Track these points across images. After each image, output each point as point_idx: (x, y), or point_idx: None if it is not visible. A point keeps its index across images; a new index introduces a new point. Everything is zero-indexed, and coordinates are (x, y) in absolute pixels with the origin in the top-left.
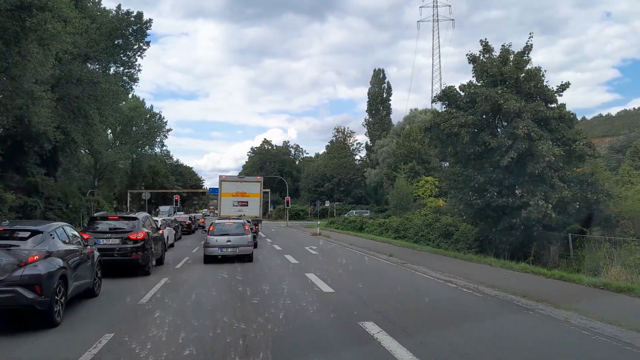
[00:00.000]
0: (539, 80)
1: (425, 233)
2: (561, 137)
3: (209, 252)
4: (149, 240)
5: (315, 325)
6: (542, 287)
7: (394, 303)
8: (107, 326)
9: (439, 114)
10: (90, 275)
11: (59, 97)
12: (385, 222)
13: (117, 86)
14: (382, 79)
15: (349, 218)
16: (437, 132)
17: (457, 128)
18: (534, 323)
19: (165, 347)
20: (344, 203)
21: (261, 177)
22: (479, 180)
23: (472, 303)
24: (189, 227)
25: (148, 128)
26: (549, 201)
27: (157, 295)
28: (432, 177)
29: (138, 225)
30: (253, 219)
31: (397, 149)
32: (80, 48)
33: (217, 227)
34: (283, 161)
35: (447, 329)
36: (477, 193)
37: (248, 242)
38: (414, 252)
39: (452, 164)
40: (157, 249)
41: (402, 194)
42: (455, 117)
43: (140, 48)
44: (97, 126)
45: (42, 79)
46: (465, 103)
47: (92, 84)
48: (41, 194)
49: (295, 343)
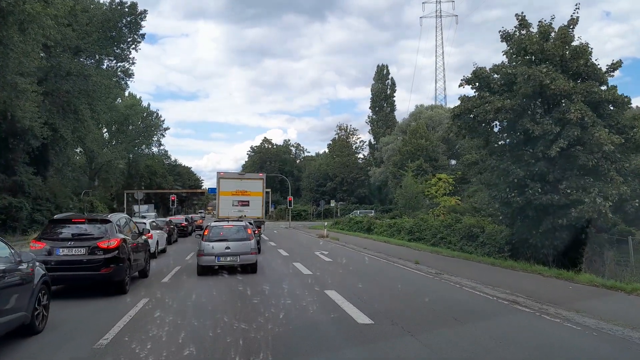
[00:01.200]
0: (587, 57)
1: (445, 235)
2: (615, 123)
3: (203, 262)
4: (126, 249)
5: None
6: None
7: (468, 343)
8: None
9: (469, 98)
10: (25, 306)
11: (46, 91)
12: (396, 223)
13: (110, 80)
14: (385, 75)
15: (355, 218)
16: (467, 119)
17: (492, 114)
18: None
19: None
20: (347, 203)
21: (263, 174)
22: (518, 174)
23: (585, 346)
24: (186, 229)
25: (145, 126)
26: (608, 198)
27: (126, 332)
28: (445, 175)
29: (111, 230)
30: (255, 220)
31: (403, 147)
32: (70, 40)
33: (214, 230)
34: (284, 160)
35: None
36: (517, 189)
37: (251, 249)
38: (441, 257)
39: (484, 157)
40: (138, 259)
41: (411, 193)
42: (490, 102)
43: (134, 40)
44: (89, 122)
45: (28, 70)
46: (500, 86)
47: (83, 77)
48: (28, 194)
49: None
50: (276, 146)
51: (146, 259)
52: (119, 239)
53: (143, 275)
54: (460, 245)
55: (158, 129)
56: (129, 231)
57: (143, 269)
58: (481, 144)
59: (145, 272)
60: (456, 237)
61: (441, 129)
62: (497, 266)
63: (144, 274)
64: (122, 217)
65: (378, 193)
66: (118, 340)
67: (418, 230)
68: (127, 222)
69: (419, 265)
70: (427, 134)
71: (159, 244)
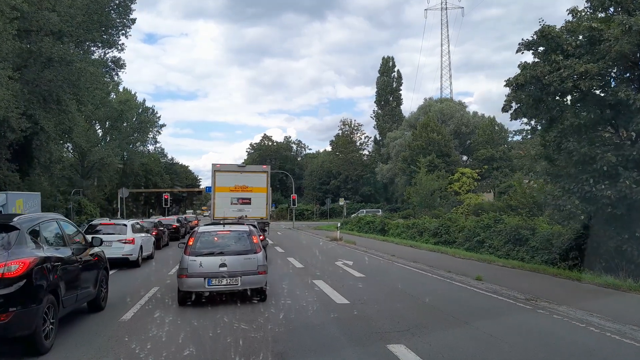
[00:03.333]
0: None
1: (484, 238)
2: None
3: (187, 287)
4: (43, 275)
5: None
6: None
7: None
8: None
9: (536, 64)
10: None
11: (26, 80)
12: (416, 224)
13: (96, 68)
14: (391, 68)
15: (365, 218)
16: (533, 91)
17: (570, 82)
18: None
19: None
20: (352, 201)
21: (268, 166)
22: (609, 160)
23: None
24: (177, 231)
25: (139, 123)
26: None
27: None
28: (469, 169)
29: (18, 243)
30: (259, 221)
31: (413, 141)
32: (53, 23)
33: (203, 239)
34: (284, 158)
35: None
36: (608, 180)
37: (258, 265)
38: (506, 271)
39: (554, 139)
40: (81, 286)
41: (427, 190)
42: (567, 67)
43: (124, 25)
44: (74, 114)
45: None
46: (575, 48)
47: (66, 63)
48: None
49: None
50: (276, 143)
51: (100, 281)
52: (29, 260)
53: (94, 308)
54: (505, 251)
55: (154, 125)
56: (59, 243)
57: (95, 299)
58: (545, 125)
59: (99, 302)
60: (499, 241)
61: (453, 123)
62: (591, 284)
63: (96, 306)
64: (47, 220)
65: (384, 191)
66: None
67: (446, 232)
68: (61, 228)
69: (488, 285)
70: (439, 128)
71: (144, 250)
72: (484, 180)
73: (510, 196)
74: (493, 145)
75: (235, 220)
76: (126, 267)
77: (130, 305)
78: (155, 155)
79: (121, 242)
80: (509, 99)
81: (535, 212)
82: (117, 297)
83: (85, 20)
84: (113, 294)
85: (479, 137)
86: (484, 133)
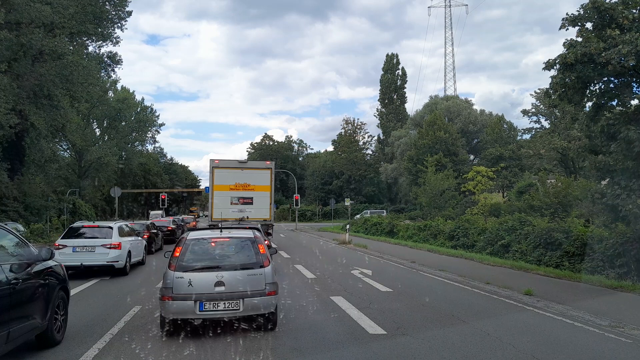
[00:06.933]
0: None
1: (509, 241)
2: None
3: (172, 312)
4: None
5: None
6: None
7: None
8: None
9: (588, 40)
10: None
11: (15, 73)
12: (428, 225)
13: (90, 62)
14: (395, 65)
15: (372, 219)
16: (584, 71)
17: (633, 59)
18: None
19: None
20: (356, 202)
21: (272, 162)
22: None
23: None
24: (173, 233)
25: (138, 122)
26: None
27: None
28: (483, 167)
29: None
30: (262, 223)
31: (419, 140)
32: (45, 15)
33: (194, 248)
34: (285, 157)
35: None
36: None
37: (266, 284)
38: (551, 281)
39: (607, 128)
40: (16, 318)
41: (437, 190)
42: (626, 42)
43: (120, 17)
44: (67, 110)
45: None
46: (631, 21)
47: (57, 57)
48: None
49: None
50: (277, 143)
51: (53, 307)
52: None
53: (46, 344)
54: (536, 256)
55: (152, 125)
56: (5, 255)
57: (45, 332)
58: (591, 113)
59: (51, 335)
60: (527, 245)
61: (459, 121)
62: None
63: (46, 341)
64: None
65: (387, 191)
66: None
67: (464, 235)
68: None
69: (547, 303)
70: (446, 126)
71: (133, 256)
72: (494, 180)
73: (531, 196)
74: (502, 144)
75: (236, 222)
76: (111, 276)
77: (97, 336)
78: (154, 155)
79: (106, 247)
80: (556, 81)
81: (560, 213)
82: (85, 322)
83: (79, 11)
84: (81, 317)
85: (487, 135)
86: (492, 131)
